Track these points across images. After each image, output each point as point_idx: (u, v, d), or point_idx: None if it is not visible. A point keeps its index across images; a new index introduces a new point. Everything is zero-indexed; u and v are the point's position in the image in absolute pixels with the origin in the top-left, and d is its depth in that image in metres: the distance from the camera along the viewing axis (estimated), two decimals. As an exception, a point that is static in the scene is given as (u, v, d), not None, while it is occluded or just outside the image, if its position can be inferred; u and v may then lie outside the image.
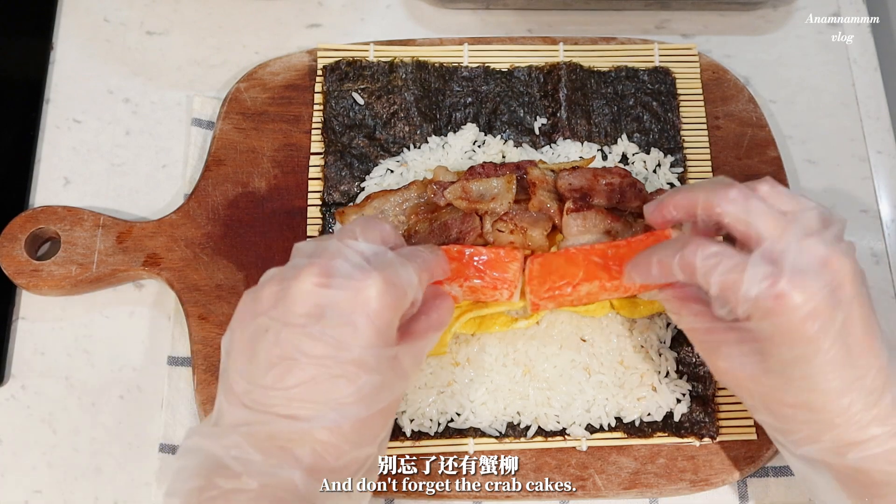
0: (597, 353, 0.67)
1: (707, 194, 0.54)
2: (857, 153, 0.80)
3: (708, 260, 0.52)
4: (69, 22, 0.81)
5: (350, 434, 0.50)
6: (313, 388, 0.49)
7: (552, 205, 0.65)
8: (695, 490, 0.66)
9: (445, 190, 0.66)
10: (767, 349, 0.52)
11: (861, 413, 0.51)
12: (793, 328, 0.50)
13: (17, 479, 0.66)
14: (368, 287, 0.49)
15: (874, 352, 0.51)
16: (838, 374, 0.50)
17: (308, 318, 0.49)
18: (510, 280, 0.61)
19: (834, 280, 0.50)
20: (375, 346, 0.50)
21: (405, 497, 0.65)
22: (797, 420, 0.53)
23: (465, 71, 0.77)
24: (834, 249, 0.51)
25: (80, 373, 0.69)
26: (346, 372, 0.49)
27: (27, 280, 0.68)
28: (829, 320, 0.49)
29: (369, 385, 0.50)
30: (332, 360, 0.49)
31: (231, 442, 0.49)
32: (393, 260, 0.52)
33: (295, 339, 0.49)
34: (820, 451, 0.53)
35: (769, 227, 0.51)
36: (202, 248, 0.70)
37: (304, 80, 0.76)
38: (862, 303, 0.51)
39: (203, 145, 0.76)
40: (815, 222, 0.52)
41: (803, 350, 0.50)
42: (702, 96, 0.77)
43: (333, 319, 0.49)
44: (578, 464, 0.66)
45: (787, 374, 0.52)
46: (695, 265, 0.52)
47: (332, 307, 0.49)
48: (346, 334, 0.49)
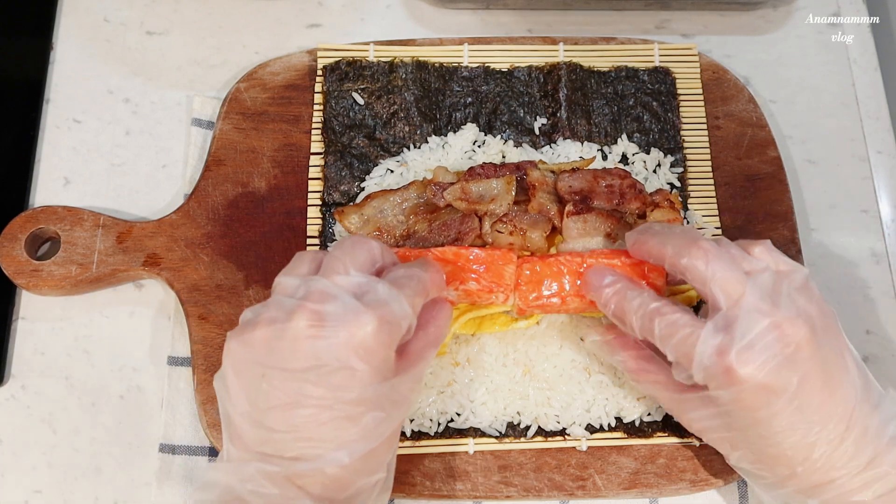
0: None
1: (675, 250, 0.55)
2: (857, 153, 0.80)
3: (665, 329, 0.54)
4: (69, 22, 0.81)
5: (357, 466, 0.51)
6: (318, 429, 0.49)
7: (552, 207, 0.65)
8: (695, 490, 0.66)
9: (445, 191, 0.66)
10: (727, 413, 0.54)
11: (822, 460, 0.52)
12: (744, 398, 0.52)
13: (17, 479, 0.66)
14: (363, 328, 0.49)
15: (836, 399, 0.53)
16: (796, 431, 0.52)
17: (306, 365, 0.49)
18: (506, 284, 0.61)
19: (787, 345, 0.51)
20: (374, 384, 0.50)
21: (405, 497, 0.65)
22: (763, 468, 0.55)
23: (465, 71, 0.77)
24: (787, 310, 0.52)
25: (80, 373, 0.69)
26: (349, 412, 0.50)
27: (27, 280, 0.68)
28: (782, 388, 0.51)
29: (373, 421, 0.50)
30: (333, 400, 0.49)
31: (248, 476, 0.50)
32: (385, 295, 0.51)
33: (295, 385, 0.49)
34: (786, 495, 0.55)
35: (727, 290, 0.53)
36: (202, 248, 0.70)
37: (304, 80, 0.76)
38: (823, 353, 0.52)
39: (203, 145, 0.76)
40: (769, 280, 0.53)
41: (758, 415, 0.52)
42: (702, 96, 0.77)
43: (331, 364, 0.49)
44: (578, 464, 0.66)
45: (748, 433, 0.54)
46: (653, 332, 0.55)
47: (327, 353, 0.49)
48: (345, 378, 0.49)
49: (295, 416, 0.49)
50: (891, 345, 0.73)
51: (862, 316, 0.74)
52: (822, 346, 0.52)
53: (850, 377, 0.54)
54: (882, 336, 0.73)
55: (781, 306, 0.52)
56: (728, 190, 0.74)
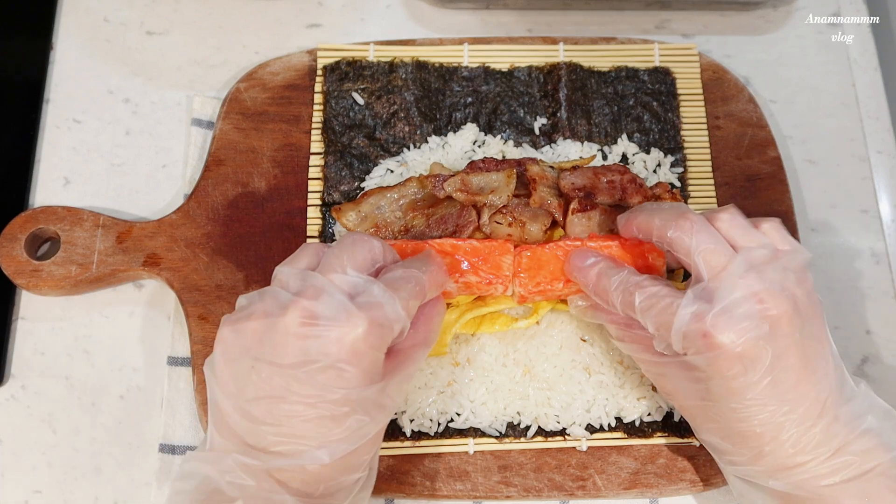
0: (597, 353, 0.67)
1: (662, 221, 0.56)
2: (857, 153, 0.80)
3: (645, 301, 0.54)
4: (69, 22, 0.81)
5: (338, 465, 0.51)
6: (301, 426, 0.49)
7: (552, 201, 0.65)
8: (695, 490, 0.66)
9: (445, 182, 0.66)
10: (703, 379, 0.54)
11: (789, 442, 0.53)
12: (721, 365, 0.52)
13: (17, 479, 0.66)
14: (354, 330, 0.49)
15: (812, 382, 0.53)
16: (768, 407, 0.52)
17: (294, 361, 0.49)
18: (504, 275, 0.61)
19: (765, 317, 0.51)
20: (361, 386, 0.50)
21: (405, 497, 0.65)
22: (732, 444, 0.55)
23: (465, 71, 0.77)
24: (771, 284, 0.52)
25: (80, 373, 0.69)
26: (333, 412, 0.50)
27: (27, 280, 0.68)
28: (757, 358, 0.51)
29: (356, 423, 0.50)
30: (319, 399, 0.49)
31: (226, 467, 0.50)
32: (380, 296, 0.51)
33: (282, 380, 0.49)
34: (752, 473, 0.55)
35: (711, 262, 0.53)
36: (202, 248, 0.70)
37: (304, 80, 0.76)
38: (804, 335, 0.52)
39: (203, 145, 0.76)
40: (762, 257, 0.53)
41: (732, 384, 0.52)
42: (702, 96, 0.77)
43: (319, 363, 0.49)
44: (578, 464, 0.66)
45: (721, 403, 0.54)
46: (634, 305, 0.55)
47: (317, 351, 0.49)
48: (332, 378, 0.49)
49: (280, 410, 0.49)
50: (891, 345, 0.73)
51: (862, 316, 0.74)
52: (803, 329, 0.52)
53: (826, 367, 0.54)
54: (882, 336, 0.73)
55: (766, 280, 0.52)
56: (728, 190, 0.74)
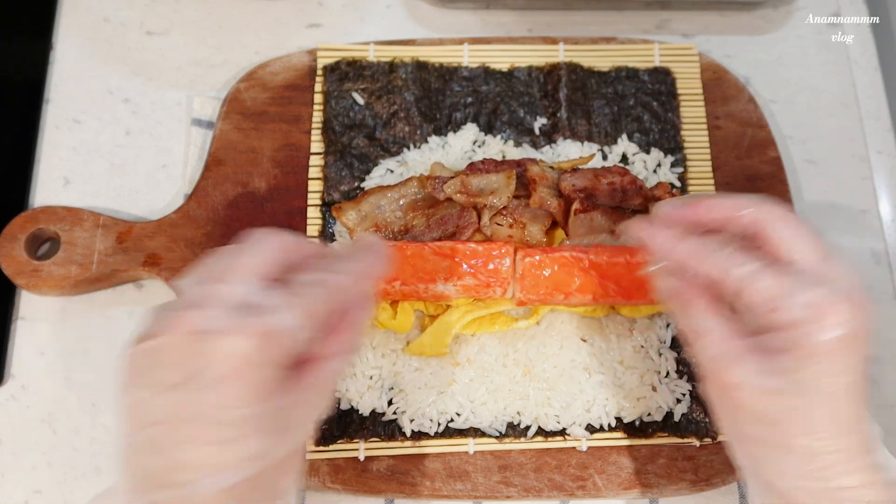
0: (597, 353, 0.67)
1: (756, 206, 0.51)
2: (857, 153, 0.80)
3: (747, 275, 0.49)
4: (69, 22, 0.81)
5: (241, 494, 0.46)
6: (188, 454, 0.45)
7: (552, 201, 0.65)
8: (695, 490, 0.66)
9: (444, 184, 0.66)
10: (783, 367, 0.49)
11: (834, 466, 0.49)
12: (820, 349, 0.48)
13: (17, 479, 0.66)
14: (241, 342, 0.44)
15: (864, 416, 0.51)
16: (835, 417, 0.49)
17: (177, 381, 0.44)
18: (503, 278, 0.61)
19: (861, 322, 0.50)
20: (253, 405, 0.45)
21: (405, 497, 0.65)
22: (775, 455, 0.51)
23: (465, 71, 0.77)
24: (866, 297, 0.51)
25: (80, 373, 0.69)
26: (220, 436, 0.44)
27: (27, 280, 0.68)
28: (854, 353, 0.49)
29: (250, 447, 0.45)
30: (203, 423, 0.44)
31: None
32: (274, 305, 0.46)
33: (167, 403, 0.45)
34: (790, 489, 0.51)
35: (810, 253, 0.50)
36: (202, 248, 0.70)
37: (304, 80, 0.76)
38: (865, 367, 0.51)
39: (203, 145, 0.76)
40: None
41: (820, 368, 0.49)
42: (702, 96, 0.77)
43: (203, 381, 0.44)
44: (578, 464, 0.66)
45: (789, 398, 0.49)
46: (728, 273, 0.50)
47: (202, 369, 0.44)
48: (220, 397, 0.44)
49: (167, 438, 0.45)
50: (891, 345, 0.73)
51: (862, 316, 0.74)
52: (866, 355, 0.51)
53: None
54: (882, 336, 0.73)
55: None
56: (728, 190, 0.74)
